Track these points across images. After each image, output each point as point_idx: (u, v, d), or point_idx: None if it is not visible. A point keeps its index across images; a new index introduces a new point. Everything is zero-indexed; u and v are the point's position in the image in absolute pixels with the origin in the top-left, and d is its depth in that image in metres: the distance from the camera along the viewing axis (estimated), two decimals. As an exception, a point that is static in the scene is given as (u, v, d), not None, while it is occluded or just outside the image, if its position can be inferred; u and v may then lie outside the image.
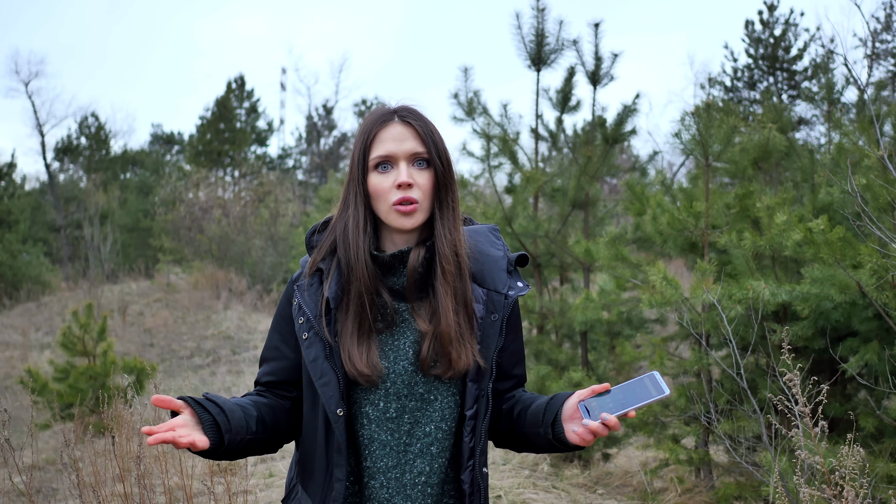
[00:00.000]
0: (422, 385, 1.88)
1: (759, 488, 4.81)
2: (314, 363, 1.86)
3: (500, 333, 1.92)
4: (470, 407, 1.89)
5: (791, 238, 4.51)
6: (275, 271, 18.63)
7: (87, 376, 8.09)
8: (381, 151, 1.87)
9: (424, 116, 1.92)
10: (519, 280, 1.99)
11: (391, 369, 1.87)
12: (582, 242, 6.08)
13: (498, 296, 1.94)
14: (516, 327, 2.03)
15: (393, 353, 1.88)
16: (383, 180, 1.87)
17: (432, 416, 1.89)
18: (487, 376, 1.90)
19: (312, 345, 1.87)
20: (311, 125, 40.67)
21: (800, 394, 2.89)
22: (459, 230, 1.93)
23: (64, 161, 36.62)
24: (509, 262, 1.99)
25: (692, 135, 5.17)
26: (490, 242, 2.03)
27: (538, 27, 6.61)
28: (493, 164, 6.85)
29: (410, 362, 1.88)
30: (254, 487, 5.60)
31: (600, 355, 7.07)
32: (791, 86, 25.08)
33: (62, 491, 5.88)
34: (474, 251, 1.97)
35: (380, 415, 1.88)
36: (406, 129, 1.88)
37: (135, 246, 27.15)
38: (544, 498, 5.36)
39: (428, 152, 1.88)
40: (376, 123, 1.90)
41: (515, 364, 2.04)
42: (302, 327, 1.90)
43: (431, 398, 1.89)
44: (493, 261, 1.98)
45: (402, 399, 1.87)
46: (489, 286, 1.95)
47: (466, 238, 1.97)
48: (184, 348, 13.85)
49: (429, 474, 1.89)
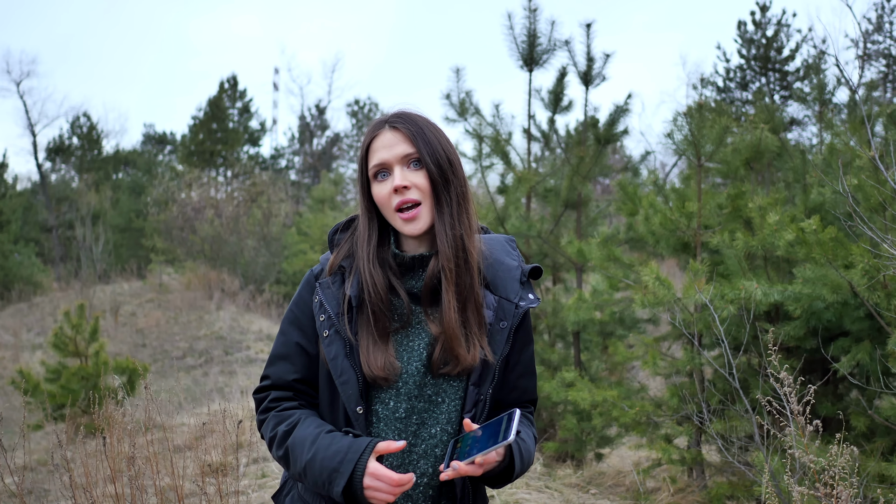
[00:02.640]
0: (430, 387, 1.91)
1: (751, 488, 4.81)
2: (334, 361, 1.89)
3: (507, 341, 1.94)
4: (469, 410, 1.91)
5: (783, 238, 4.52)
6: (267, 271, 18.60)
7: (78, 377, 8.06)
8: (375, 161, 1.91)
9: (416, 118, 1.94)
10: (531, 292, 2.01)
11: (404, 369, 1.90)
12: (574, 243, 6.08)
13: (509, 304, 1.96)
14: (525, 338, 2.04)
15: (407, 354, 1.91)
16: (383, 188, 1.90)
17: (438, 419, 1.91)
18: (489, 382, 1.92)
19: (333, 342, 1.90)
20: (304, 125, 40.64)
21: (791, 394, 2.90)
22: (467, 226, 1.93)
23: (56, 161, 36.49)
24: (523, 273, 2.01)
25: (684, 135, 5.18)
26: (506, 252, 2.05)
27: (530, 27, 6.61)
28: (485, 164, 6.86)
29: (423, 363, 1.90)
30: (246, 488, 5.58)
31: (593, 355, 7.08)
32: (783, 86, 25.16)
33: (54, 492, 5.85)
34: (489, 259, 2.00)
35: (389, 414, 1.90)
36: (395, 134, 1.91)
37: (127, 246, 27.08)
38: (537, 498, 5.36)
39: (418, 152, 1.89)
40: (370, 134, 1.95)
41: (520, 376, 2.05)
42: (323, 324, 1.92)
43: (439, 400, 1.91)
44: (507, 270, 2.00)
45: (412, 400, 1.90)
46: (501, 294, 1.97)
47: (482, 245, 1.99)
48: (176, 349, 13.83)
49: (431, 476, 1.92)
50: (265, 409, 2.00)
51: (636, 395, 5.79)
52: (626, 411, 5.32)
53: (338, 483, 1.77)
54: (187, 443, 6.78)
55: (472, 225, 1.95)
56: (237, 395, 9.22)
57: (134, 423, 3.93)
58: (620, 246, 6.55)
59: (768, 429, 4.20)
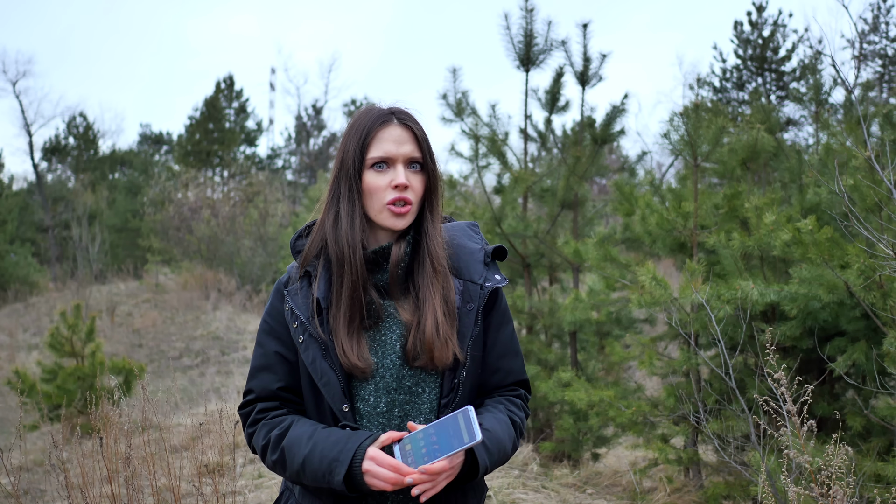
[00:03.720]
0: (409, 378, 1.91)
1: (747, 488, 4.82)
2: (313, 364, 1.89)
3: (475, 323, 1.96)
4: (445, 395, 1.93)
5: (779, 238, 4.53)
6: (264, 271, 18.58)
7: (75, 377, 8.05)
8: (379, 152, 1.91)
9: (419, 121, 1.97)
10: (497, 273, 2.02)
11: (380, 364, 1.90)
12: (571, 243, 6.08)
13: (474, 286, 1.98)
14: (501, 319, 2.05)
15: (381, 349, 1.91)
16: (379, 179, 1.91)
17: (421, 409, 1.92)
18: (462, 366, 1.93)
19: (309, 346, 1.90)
20: (301, 125, 40.59)
21: (787, 394, 2.91)
22: (441, 233, 1.99)
23: (52, 161, 36.44)
24: (486, 255, 2.03)
25: (681, 135, 5.18)
26: (468, 236, 2.07)
27: (527, 28, 6.61)
28: (482, 164, 6.86)
29: (398, 356, 1.91)
30: (243, 488, 5.58)
31: (590, 355, 7.09)
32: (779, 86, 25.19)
33: (50, 492, 5.84)
34: (451, 244, 2.02)
35: (371, 410, 1.90)
36: (405, 132, 1.93)
37: (123, 246, 27.04)
38: (534, 498, 5.36)
39: (423, 158, 1.94)
40: (375, 122, 1.93)
41: (501, 357, 2.04)
42: (297, 331, 1.92)
43: (419, 391, 1.92)
44: (470, 253, 2.03)
45: (392, 393, 1.90)
46: (465, 276, 1.99)
47: (444, 233, 2.02)
48: (173, 349, 13.81)
49: None
50: (253, 421, 1.97)
51: (633, 395, 5.79)
52: (622, 411, 5.32)
53: (338, 472, 1.76)
54: (184, 443, 6.78)
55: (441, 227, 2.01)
56: (234, 396, 9.21)
57: (130, 423, 3.92)
58: (617, 246, 6.55)
59: (765, 428, 4.20)
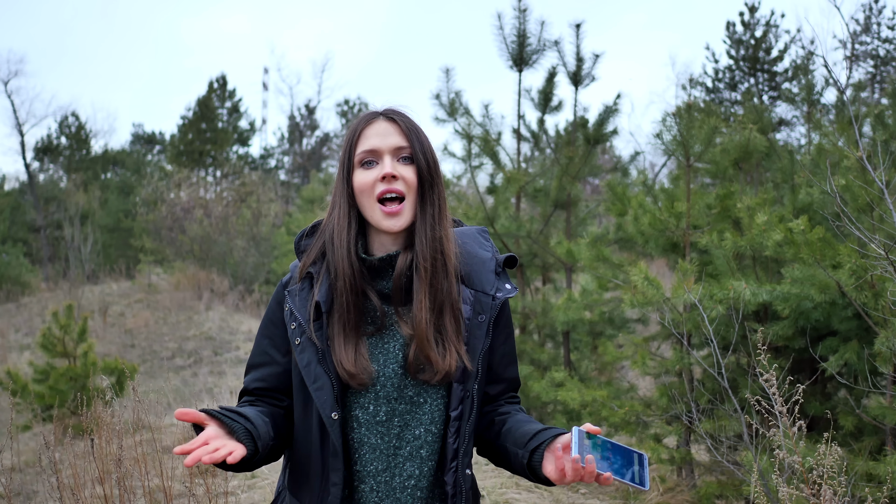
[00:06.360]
0: (411, 388, 1.87)
1: (740, 487, 4.83)
2: (307, 368, 1.85)
3: (486, 335, 1.92)
4: (455, 408, 1.88)
5: (771, 238, 4.54)
6: (257, 272, 18.56)
7: (67, 377, 8.02)
8: (365, 146, 1.88)
9: (409, 117, 1.94)
10: (507, 282, 1.98)
11: (381, 372, 1.86)
12: (564, 243, 6.09)
13: (485, 297, 1.93)
14: (506, 329, 2.02)
15: (383, 357, 1.88)
16: (368, 175, 1.87)
17: (422, 419, 1.88)
18: (473, 377, 1.89)
19: (305, 350, 1.87)
20: (294, 125, 40.56)
21: (778, 394, 2.91)
22: (446, 229, 1.92)
23: (44, 161, 36.28)
24: (497, 264, 1.99)
25: (673, 135, 5.19)
26: (478, 244, 2.02)
27: (520, 28, 6.62)
28: (475, 164, 6.86)
29: (400, 365, 1.87)
30: (235, 489, 5.57)
31: (583, 355, 7.09)
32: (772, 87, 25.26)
33: (42, 493, 5.82)
34: (462, 252, 1.97)
35: (370, 418, 1.87)
36: (390, 125, 1.90)
37: (116, 246, 26.95)
38: (527, 497, 5.36)
39: (412, 148, 1.89)
40: (362, 122, 1.92)
41: (506, 367, 2.03)
42: (294, 332, 1.89)
43: (421, 401, 1.88)
44: (481, 262, 1.98)
45: (392, 402, 1.87)
46: (476, 287, 1.94)
47: (455, 240, 1.96)
48: (165, 349, 13.77)
49: (418, 477, 1.89)
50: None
51: (625, 395, 5.81)
52: (615, 411, 5.33)
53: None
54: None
55: (450, 232, 1.94)
56: (226, 396, 9.19)
57: (122, 423, 3.91)
58: (610, 246, 6.56)
59: (757, 428, 4.21)
